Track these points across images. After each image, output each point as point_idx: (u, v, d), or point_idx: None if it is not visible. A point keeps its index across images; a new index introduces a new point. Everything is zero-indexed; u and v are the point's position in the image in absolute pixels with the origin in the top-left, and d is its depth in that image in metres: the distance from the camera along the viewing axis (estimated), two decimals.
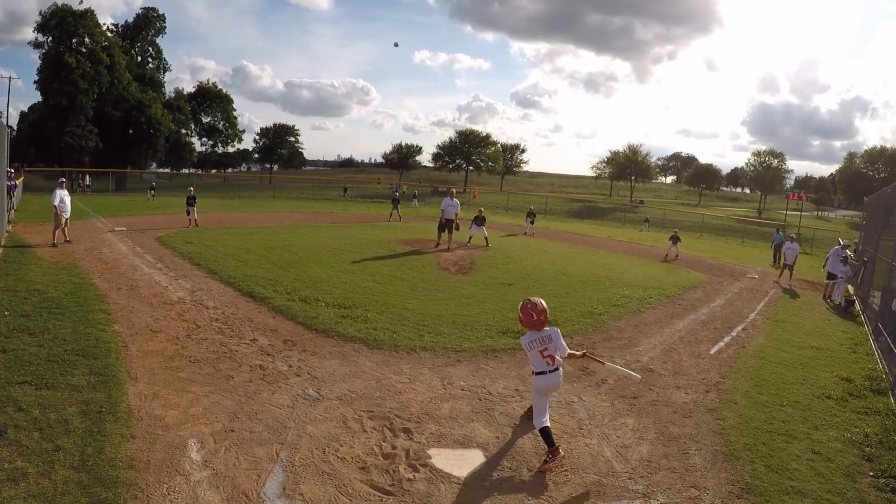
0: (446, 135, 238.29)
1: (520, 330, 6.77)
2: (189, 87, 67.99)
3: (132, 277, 9.35)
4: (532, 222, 22.90)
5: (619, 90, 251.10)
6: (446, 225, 15.77)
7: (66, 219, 12.45)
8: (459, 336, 7.23)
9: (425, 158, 79.21)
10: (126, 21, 56.44)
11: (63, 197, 12.39)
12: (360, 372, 5.77)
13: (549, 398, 4.56)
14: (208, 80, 68.10)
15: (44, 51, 43.15)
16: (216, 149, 64.45)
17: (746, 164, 78.22)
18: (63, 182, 13.12)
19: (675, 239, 19.82)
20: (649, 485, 4.00)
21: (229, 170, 69.12)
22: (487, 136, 73.19)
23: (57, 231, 12.21)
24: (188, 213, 17.48)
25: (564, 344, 4.40)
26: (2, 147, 11.41)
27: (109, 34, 47.98)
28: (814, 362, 7.46)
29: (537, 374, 4.35)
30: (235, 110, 63.30)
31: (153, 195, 30.06)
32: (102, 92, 44.32)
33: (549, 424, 4.28)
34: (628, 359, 6.93)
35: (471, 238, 17.12)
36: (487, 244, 16.87)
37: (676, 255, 19.17)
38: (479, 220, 17.25)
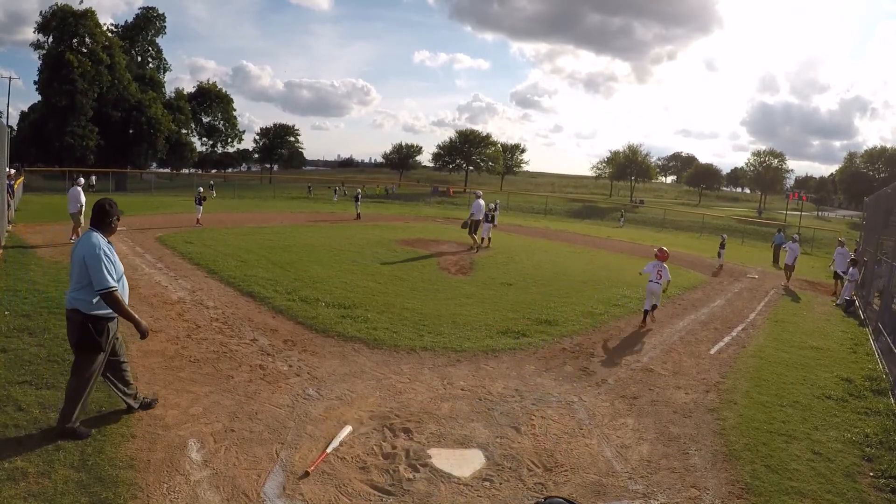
0: (446, 135, 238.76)
1: (519, 330, 7.72)
2: (189, 87, 68.01)
3: (132, 277, 9.34)
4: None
5: (619, 90, 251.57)
6: (472, 226, 15.77)
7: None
8: (459, 336, 7.23)
9: (425, 158, 79.27)
10: (126, 21, 56.48)
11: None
12: (360, 372, 5.77)
13: (651, 300, 8.59)
14: (208, 80, 68.13)
15: (44, 52, 43.16)
16: (216, 149, 64.42)
17: (746, 164, 78.17)
18: (82, 182, 13.41)
19: (723, 246, 17.74)
20: (649, 485, 4.00)
21: (229, 170, 69.11)
22: (487, 136, 73.10)
23: (79, 229, 12.52)
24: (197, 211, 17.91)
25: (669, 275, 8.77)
26: (2, 147, 11.42)
27: (110, 34, 48.00)
28: (814, 362, 7.46)
29: (650, 282, 8.59)
30: (235, 110, 63.32)
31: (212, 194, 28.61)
32: (103, 92, 44.32)
33: (648, 309, 8.61)
34: (628, 358, 6.93)
35: (488, 240, 16.49)
36: (475, 244, 16.07)
37: (721, 266, 17.21)
38: (489, 218, 16.68)
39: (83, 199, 12.48)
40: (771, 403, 5.72)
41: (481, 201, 16.07)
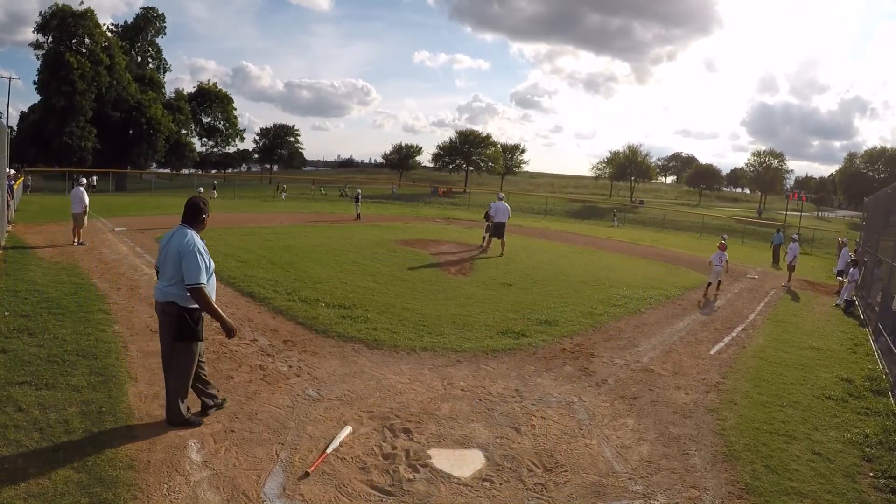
0: (446, 135, 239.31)
1: (519, 330, 7.77)
2: (189, 88, 68.21)
3: (132, 278, 9.35)
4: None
5: (619, 91, 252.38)
6: (492, 228, 15.32)
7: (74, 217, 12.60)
8: (459, 336, 7.23)
9: (425, 159, 79.16)
10: (126, 21, 56.53)
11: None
12: (360, 372, 5.77)
13: (716, 278, 11.90)
14: (208, 81, 68.14)
15: (43, 52, 43.18)
16: (216, 149, 64.42)
17: (746, 164, 78.10)
18: (84, 182, 13.45)
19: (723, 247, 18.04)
20: (649, 485, 4.00)
21: (229, 170, 69.12)
22: (487, 137, 72.92)
23: (81, 230, 12.44)
24: None
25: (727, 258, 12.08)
26: (2, 147, 11.43)
27: (109, 34, 48.02)
28: (814, 363, 7.46)
29: (714, 265, 11.79)
30: (235, 110, 63.28)
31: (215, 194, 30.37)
32: (102, 92, 44.34)
33: (714, 282, 11.95)
34: (628, 359, 6.93)
35: (489, 240, 16.02)
36: (484, 245, 16.01)
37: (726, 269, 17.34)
38: (488, 218, 16.04)
39: (87, 199, 12.52)
40: (771, 404, 5.72)
41: (504, 203, 15.49)
